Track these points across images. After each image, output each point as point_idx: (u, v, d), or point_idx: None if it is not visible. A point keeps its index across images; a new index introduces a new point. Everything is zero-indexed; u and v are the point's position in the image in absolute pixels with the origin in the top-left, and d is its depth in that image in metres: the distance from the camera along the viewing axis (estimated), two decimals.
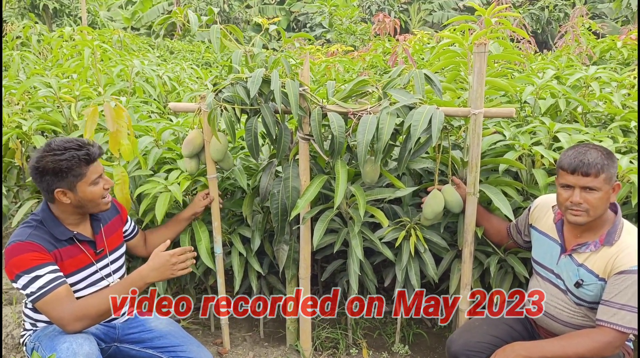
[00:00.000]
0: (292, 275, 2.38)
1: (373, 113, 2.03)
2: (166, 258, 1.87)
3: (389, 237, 2.24)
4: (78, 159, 1.78)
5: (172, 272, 1.89)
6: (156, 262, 1.88)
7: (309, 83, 2.11)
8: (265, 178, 2.28)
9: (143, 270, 1.88)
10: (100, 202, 1.89)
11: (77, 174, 1.79)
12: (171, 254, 1.88)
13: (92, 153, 1.82)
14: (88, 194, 1.84)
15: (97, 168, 1.85)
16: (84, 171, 1.80)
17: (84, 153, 1.80)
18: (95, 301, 1.81)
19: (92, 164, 1.82)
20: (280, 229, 2.24)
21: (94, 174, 1.83)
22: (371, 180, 2.14)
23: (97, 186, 1.85)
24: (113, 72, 3.41)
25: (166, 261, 1.87)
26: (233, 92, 2.09)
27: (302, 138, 2.15)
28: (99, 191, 1.86)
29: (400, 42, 4.56)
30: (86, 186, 1.82)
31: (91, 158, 1.81)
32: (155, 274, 1.88)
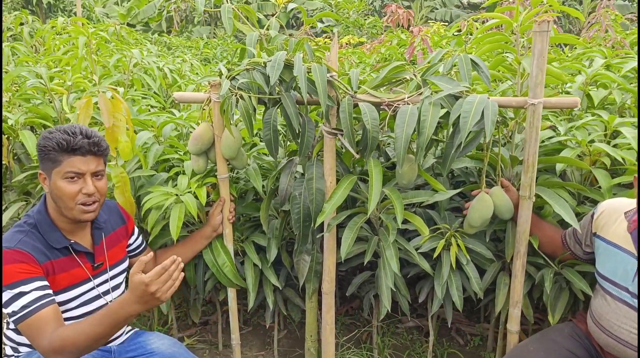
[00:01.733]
0: (314, 289, 2.09)
1: (412, 103, 1.75)
2: (142, 289, 1.43)
3: (425, 247, 1.96)
4: (57, 142, 1.53)
5: (160, 298, 1.46)
6: (135, 294, 1.46)
7: (336, 68, 1.82)
8: (284, 179, 1.98)
9: (125, 301, 1.47)
10: (74, 207, 1.58)
11: (52, 159, 1.55)
12: (146, 282, 1.43)
13: (76, 142, 1.54)
14: (58, 188, 1.56)
15: (78, 163, 1.56)
16: (59, 158, 1.55)
17: (67, 138, 1.53)
18: (74, 334, 1.47)
19: (73, 155, 1.55)
20: (302, 237, 1.95)
21: (69, 167, 1.55)
22: (408, 182, 1.86)
23: (71, 184, 1.56)
24: (109, 62, 3.12)
25: (144, 292, 1.44)
26: (249, 78, 1.80)
27: (329, 132, 1.87)
28: (70, 191, 1.56)
29: (415, 34, 4.28)
30: (58, 177, 1.56)
31: (69, 146, 1.54)
32: (139, 307, 1.47)
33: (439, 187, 1.91)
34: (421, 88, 1.81)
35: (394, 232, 1.86)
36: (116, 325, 1.48)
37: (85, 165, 1.57)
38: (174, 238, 1.87)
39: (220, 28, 15.70)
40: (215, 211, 2.02)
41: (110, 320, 1.49)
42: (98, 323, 1.50)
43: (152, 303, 1.50)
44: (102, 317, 1.54)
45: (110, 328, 1.48)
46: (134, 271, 1.48)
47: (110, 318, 1.50)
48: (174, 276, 1.50)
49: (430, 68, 1.83)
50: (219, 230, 2.04)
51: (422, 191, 1.98)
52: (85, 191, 1.58)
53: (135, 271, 1.47)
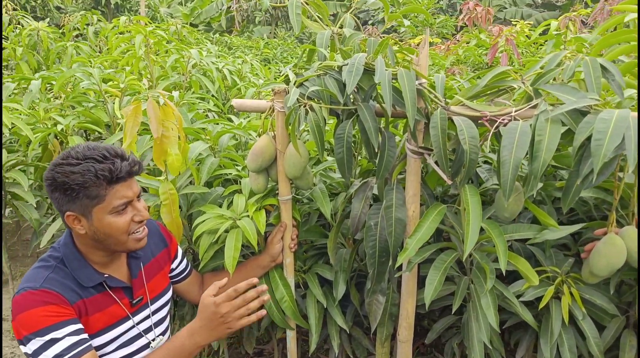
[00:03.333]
0: (388, 334, 1.77)
1: (522, 119, 1.39)
2: (212, 310, 1.32)
3: (530, 295, 1.60)
4: (94, 174, 1.24)
5: (229, 326, 1.34)
6: (203, 317, 1.35)
7: (426, 74, 1.49)
8: (357, 204, 1.67)
9: (193, 328, 1.36)
10: (127, 240, 1.35)
11: (91, 196, 1.26)
12: (217, 302, 1.32)
13: (118, 168, 1.27)
14: (106, 226, 1.30)
15: (124, 190, 1.30)
16: (102, 192, 1.27)
17: (106, 167, 1.25)
18: None
19: (115, 184, 1.28)
20: (376, 275, 1.63)
21: (117, 199, 1.29)
22: (510, 215, 1.50)
23: (121, 216, 1.31)
24: (167, 63, 2.92)
25: (213, 314, 1.33)
26: (320, 85, 1.50)
27: (414, 151, 1.54)
28: (123, 224, 1.32)
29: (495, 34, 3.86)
30: (104, 214, 1.29)
31: (114, 176, 1.27)
32: (207, 333, 1.35)
33: (550, 223, 1.54)
34: (531, 100, 1.45)
35: (492, 277, 1.50)
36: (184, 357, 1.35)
37: (130, 190, 1.32)
38: (230, 271, 1.60)
39: (281, 28, 15.62)
40: (274, 238, 1.73)
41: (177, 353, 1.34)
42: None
43: (221, 331, 1.35)
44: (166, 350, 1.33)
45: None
46: (207, 294, 1.35)
47: (176, 351, 1.34)
48: (250, 306, 1.36)
49: (544, 75, 1.47)
50: (278, 259, 1.76)
51: (524, 225, 1.62)
52: (138, 218, 1.35)
53: (207, 294, 1.35)
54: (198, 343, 1.35)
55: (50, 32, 4.41)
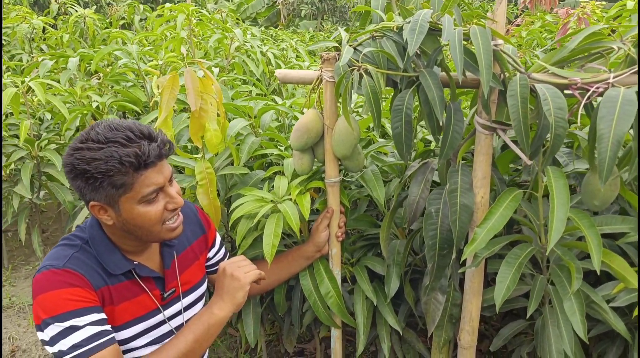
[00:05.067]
0: (447, 339, 1.55)
1: (623, 86, 1.14)
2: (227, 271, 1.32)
3: (623, 300, 1.34)
4: (119, 161, 1.06)
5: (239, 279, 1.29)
6: (219, 285, 1.32)
7: (504, 33, 1.26)
8: (416, 188, 1.46)
9: (210, 304, 1.27)
10: (160, 230, 1.18)
11: (117, 185, 1.09)
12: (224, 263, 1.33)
13: (146, 152, 1.08)
14: (136, 217, 1.13)
15: (154, 176, 1.12)
16: (129, 180, 1.09)
17: (132, 151, 1.07)
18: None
19: (144, 170, 1.10)
20: (436, 270, 1.41)
21: (146, 187, 1.11)
22: (602, 202, 1.26)
23: (153, 205, 1.14)
24: (208, 43, 2.78)
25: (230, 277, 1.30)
26: (376, 47, 1.30)
27: (485, 126, 1.31)
28: (155, 214, 1.15)
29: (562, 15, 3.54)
30: (133, 204, 1.12)
31: (142, 161, 1.09)
32: (221, 300, 1.27)
33: None
34: (634, 64, 1.20)
35: (579, 276, 1.26)
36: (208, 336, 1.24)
37: (161, 175, 1.14)
38: (269, 260, 1.42)
39: (327, 21, 15.42)
40: (320, 226, 1.55)
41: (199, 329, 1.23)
42: (184, 340, 1.20)
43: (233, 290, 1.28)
44: (188, 332, 1.21)
45: (200, 343, 1.23)
46: None
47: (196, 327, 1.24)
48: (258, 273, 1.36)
49: None
50: (324, 249, 1.57)
51: (617, 217, 1.36)
52: (171, 206, 1.18)
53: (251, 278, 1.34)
54: (216, 314, 1.24)
55: (96, 19, 4.38)
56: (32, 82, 1.91)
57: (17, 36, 3.85)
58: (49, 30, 4.42)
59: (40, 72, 2.18)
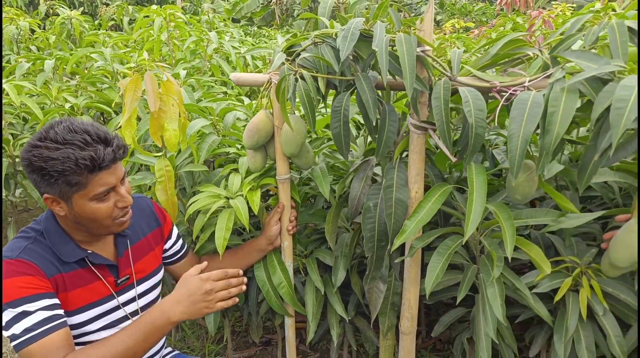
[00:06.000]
0: (390, 325, 1.65)
1: (536, 89, 1.25)
2: (196, 283, 1.26)
3: (544, 286, 1.45)
4: (75, 163, 1.15)
5: (208, 305, 1.27)
6: (183, 291, 1.27)
7: (431, 40, 1.37)
8: (357, 185, 1.57)
9: (165, 303, 1.27)
10: (110, 224, 1.28)
11: (71, 183, 1.18)
12: (204, 278, 1.27)
13: (101, 156, 1.18)
14: (88, 211, 1.23)
15: (106, 178, 1.22)
16: (83, 180, 1.18)
17: (87, 155, 1.16)
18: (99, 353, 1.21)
19: (99, 172, 1.20)
20: (375, 261, 1.52)
21: (99, 186, 1.21)
22: (523, 196, 1.36)
23: (104, 203, 1.24)
24: (184, 45, 2.88)
25: (197, 288, 1.26)
26: (316, 54, 1.40)
27: (417, 126, 1.42)
28: (105, 210, 1.25)
29: (535, 17, 3.64)
30: (85, 200, 1.22)
31: (96, 164, 1.18)
32: (183, 309, 1.26)
33: (568, 207, 1.38)
34: (549, 69, 1.31)
35: (500, 264, 1.37)
36: (153, 335, 1.24)
37: (113, 176, 1.24)
38: (220, 252, 1.53)
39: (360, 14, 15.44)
40: (272, 220, 1.65)
41: (146, 330, 1.24)
42: (129, 335, 1.23)
43: (198, 309, 1.27)
44: (134, 327, 1.25)
45: (146, 341, 1.23)
46: (188, 273, 1.30)
47: (146, 327, 1.24)
48: (232, 291, 1.31)
49: (564, 41, 1.32)
50: (276, 242, 1.68)
51: (541, 210, 1.46)
52: (121, 204, 1.28)
53: (189, 273, 1.30)
54: (170, 319, 1.26)
55: (83, 21, 4.48)
56: (6, 84, 2.01)
57: (5, 38, 3.94)
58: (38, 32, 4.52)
59: (17, 75, 2.28)
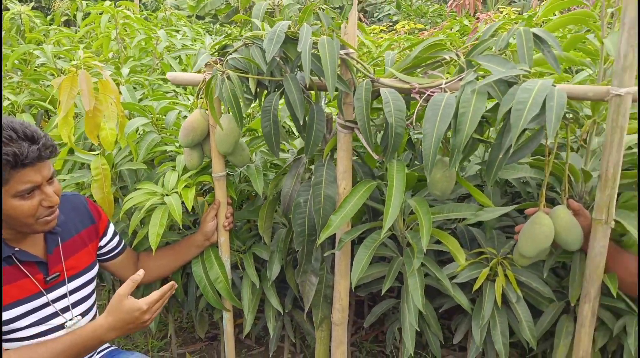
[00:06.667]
0: (323, 317, 1.72)
1: (450, 91, 1.33)
2: (134, 314, 1.30)
3: (464, 276, 1.53)
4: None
5: (143, 326, 1.35)
6: (119, 320, 1.31)
7: (355, 44, 1.43)
8: (289, 182, 1.62)
9: (100, 329, 1.32)
10: (34, 223, 1.29)
11: None
12: (144, 309, 1.31)
13: (23, 153, 1.19)
14: (9, 208, 1.24)
15: (31, 175, 1.23)
16: (6, 176, 1.20)
17: (10, 150, 1.18)
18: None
19: (23, 168, 1.21)
20: (305, 255, 1.58)
21: (21, 184, 1.22)
22: (442, 192, 1.44)
23: (27, 201, 1.25)
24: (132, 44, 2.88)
25: (136, 318, 1.31)
26: (246, 55, 1.45)
27: (343, 125, 1.48)
28: (29, 209, 1.26)
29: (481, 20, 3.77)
30: (7, 196, 1.23)
31: (19, 161, 1.19)
32: (118, 333, 1.33)
33: (484, 201, 1.47)
34: (463, 72, 1.39)
35: (420, 256, 1.45)
36: (82, 354, 1.32)
37: (39, 175, 1.25)
38: (153, 248, 1.56)
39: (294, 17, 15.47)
40: (208, 217, 1.69)
41: (76, 350, 1.31)
42: (60, 352, 1.29)
43: (134, 331, 1.37)
44: (65, 344, 1.31)
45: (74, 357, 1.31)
46: (125, 292, 1.31)
47: (76, 347, 1.31)
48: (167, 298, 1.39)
49: (478, 46, 1.40)
50: (213, 238, 1.72)
51: (464, 205, 1.55)
52: (47, 203, 1.29)
53: (126, 292, 1.31)
54: (103, 341, 1.32)
55: (33, 16, 4.38)
56: None
57: None
58: None
59: None
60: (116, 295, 1.32)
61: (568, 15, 1.58)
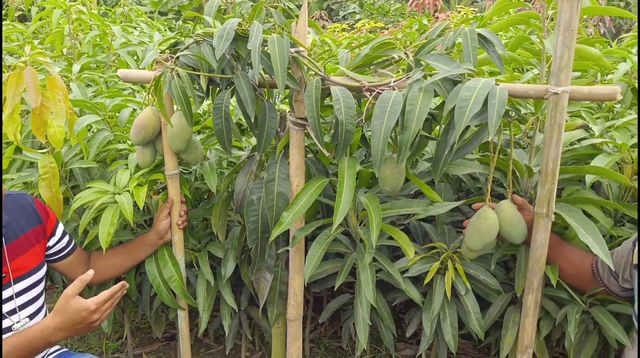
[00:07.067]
0: (278, 313, 1.73)
1: (399, 89, 1.36)
2: (82, 315, 1.28)
3: (415, 270, 1.57)
4: None
5: (93, 328, 1.33)
6: (67, 320, 1.28)
7: (305, 42, 1.44)
8: (242, 179, 1.62)
9: (47, 330, 1.29)
10: None
11: None
12: (92, 309, 1.28)
13: None
14: None
15: None
16: None
17: None
18: None
19: None
20: (259, 252, 1.58)
21: None
22: (392, 188, 1.47)
23: None
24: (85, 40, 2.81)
25: (84, 319, 1.28)
26: (197, 53, 1.44)
27: (295, 123, 1.49)
28: None
29: (440, 19, 3.84)
30: None
31: None
32: (65, 334, 1.31)
33: (433, 196, 1.51)
34: (411, 70, 1.42)
35: (371, 251, 1.47)
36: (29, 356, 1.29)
37: None
38: (103, 247, 1.53)
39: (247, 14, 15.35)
40: (161, 215, 1.67)
41: (22, 351, 1.27)
42: (6, 354, 1.25)
43: (84, 332, 1.34)
44: (10, 345, 1.27)
45: None
46: (72, 292, 1.28)
47: (22, 349, 1.27)
48: (114, 305, 1.36)
49: (427, 45, 1.43)
50: (166, 237, 1.70)
51: (415, 201, 1.59)
52: None
53: (73, 292, 1.28)
54: (50, 341, 1.30)
55: None
56: None
57: None
58: None
59: None
60: (63, 295, 1.29)
61: (513, 16, 1.64)
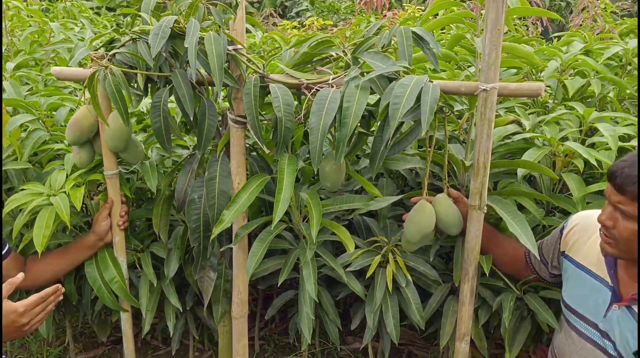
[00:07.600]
0: (223, 312, 1.72)
1: (337, 86, 1.38)
2: (10, 317, 1.24)
3: (357, 264, 1.60)
4: None
5: (25, 331, 1.29)
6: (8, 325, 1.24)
7: (243, 40, 1.44)
8: (183, 178, 1.61)
9: None
10: None
11: None
12: (21, 311, 1.25)
13: None
14: None
15: None
16: None
17: None
18: None
19: None
20: (202, 250, 1.57)
21: None
22: (332, 184, 1.49)
23: None
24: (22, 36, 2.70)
25: (12, 322, 1.24)
26: (133, 50, 1.42)
27: (235, 121, 1.49)
28: None
29: (387, 17, 3.91)
30: None
31: None
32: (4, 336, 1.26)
33: (373, 192, 1.54)
34: (350, 68, 1.44)
35: (312, 246, 1.49)
36: None
37: None
38: (39, 251, 1.48)
39: None
40: (100, 216, 1.63)
41: None
42: None
43: (14, 337, 1.29)
44: None
45: None
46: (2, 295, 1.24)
47: None
48: (48, 309, 1.32)
49: (364, 43, 1.46)
50: (107, 238, 1.66)
51: (357, 196, 1.61)
52: None
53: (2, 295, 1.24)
54: None
55: None
56: None
57: None
58: None
59: None
60: None
61: (448, 15, 1.69)
